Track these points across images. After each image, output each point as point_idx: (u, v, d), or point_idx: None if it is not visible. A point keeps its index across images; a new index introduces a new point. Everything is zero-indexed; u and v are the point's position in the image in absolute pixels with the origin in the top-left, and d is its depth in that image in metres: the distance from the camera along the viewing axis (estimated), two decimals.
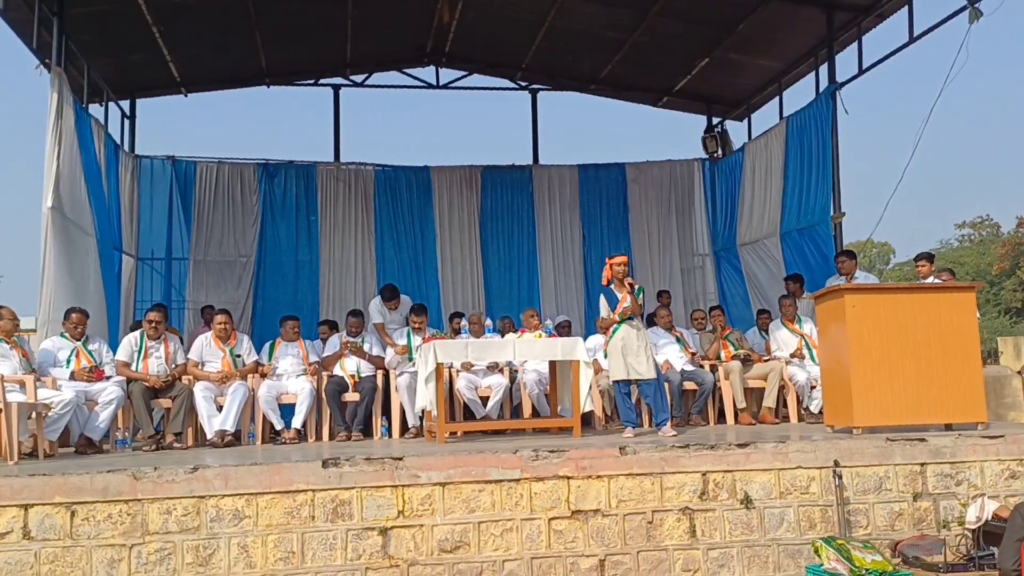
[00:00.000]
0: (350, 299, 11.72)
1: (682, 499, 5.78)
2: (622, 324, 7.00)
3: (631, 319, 7.03)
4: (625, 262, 7.14)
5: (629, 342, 6.94)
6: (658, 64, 12.05)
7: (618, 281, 7.12)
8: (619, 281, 7.11)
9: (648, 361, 6.94)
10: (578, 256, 12.45)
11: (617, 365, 6.94)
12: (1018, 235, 36.29)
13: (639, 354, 6.92)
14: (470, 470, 5.63)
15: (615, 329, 7.03)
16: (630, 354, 6.91)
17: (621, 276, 7.09)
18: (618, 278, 7.11)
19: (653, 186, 12.73)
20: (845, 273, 8.61)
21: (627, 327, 6.99)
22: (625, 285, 7.07)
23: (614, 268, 7.11)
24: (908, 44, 8.99)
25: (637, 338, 6.97)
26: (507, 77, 13.02)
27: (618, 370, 6.94)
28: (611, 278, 7.14)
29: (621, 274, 7.08)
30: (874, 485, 5.93)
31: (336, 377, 8.16)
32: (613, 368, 7.00)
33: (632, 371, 6.91)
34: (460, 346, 7.07)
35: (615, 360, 6.96)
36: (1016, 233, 36.96)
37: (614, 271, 7.11)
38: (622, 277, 7.09)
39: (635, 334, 6.98)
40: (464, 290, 12.14)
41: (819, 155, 10.12)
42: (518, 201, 12.49)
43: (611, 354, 7.03)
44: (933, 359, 6.42)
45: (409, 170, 12.44)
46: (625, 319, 7.01)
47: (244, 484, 5.40)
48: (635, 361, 6.89)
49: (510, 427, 7.72)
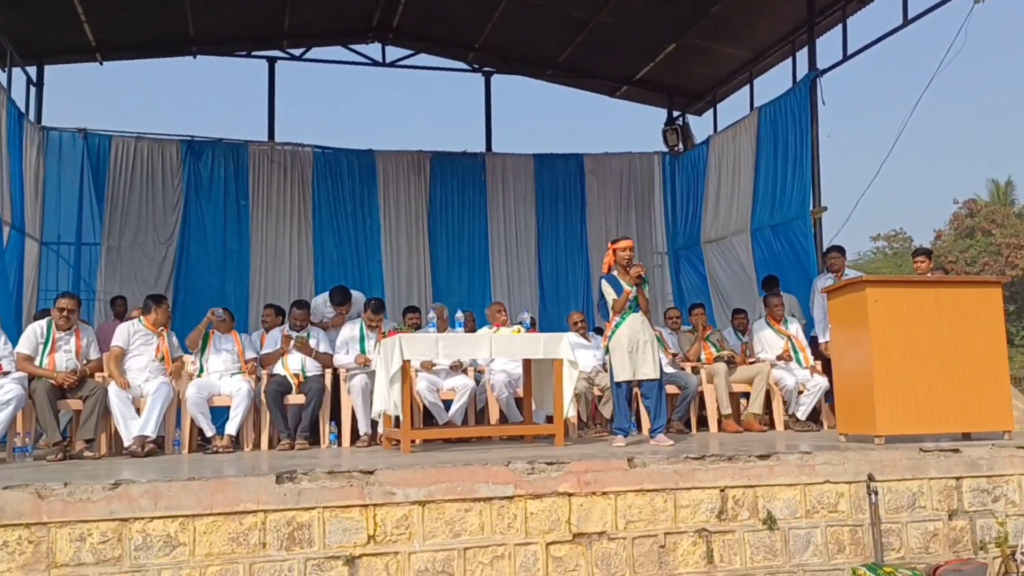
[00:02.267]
0: (284, 293, 10.64)
1: (698, 519, 4.99)
2: (626, 317, 6.21)
3: (636, 311, 6.25)
4: (630, 246, 6.34)
5: (635, 338, 6.15)
6: (622, 49, 11.34)
7: (621, 268, 6.32)
8: (622, 268, 6.31)
9: (655, 359, 6.16)
10: (532, 250, 11.63)
11: (621, 364, 6.14)
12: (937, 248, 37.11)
13: (645, 352, 6.13)
14: (455, 486, 4.73)
15: (618, 323, 6.23)
16: (636, 351, 6.12)
17: (625, 262, 6.29)
18: (621, 264, 6.31)
19: (612, 179, 12.02)
20: (836, 270, 8.02)
21: (632, 320, 6.21)
22: (630, 273, 6.27)
23: (617, 253, 6.30)
24: (902, 27, 8.48)
25: (643, 333, 6.18)
26: (459, 58, 12.13)
27: (622, 370, 6.14)
28: (613, 264, 6.34)
29: (625, 260, 6.28)
30: (907, 502, 5.26)
31: (277, 376, 7.15)
32: (616, 368, 6.19)
33: (638, 371, 6.12)
34: (429, 341, 6.14)
35: (618, 358, 6.16)
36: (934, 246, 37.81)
37: (617, 256, 6.31)
38: (626, 264, 6.28)
39: (641, 328, 6.19)
40: (410, 285, 11.17)
41: (796, 146, 9.55)
42: (469, 190, 11.60)
43: (614, 351, 6.22)
44: (959, 361, 5.83)
45: (351, 153, 11.41)
46: (630, 311, 6.22)
47: (179, 503, 4.38)
48: (641, 360, 6.11)
49: (481, 434, 6.83)
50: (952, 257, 35.97)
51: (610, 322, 6.33)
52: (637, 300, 6.27)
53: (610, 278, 6.34)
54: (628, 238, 6.51)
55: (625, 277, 6.29)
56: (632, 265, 6.25)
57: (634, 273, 6.23)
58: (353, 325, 7.43)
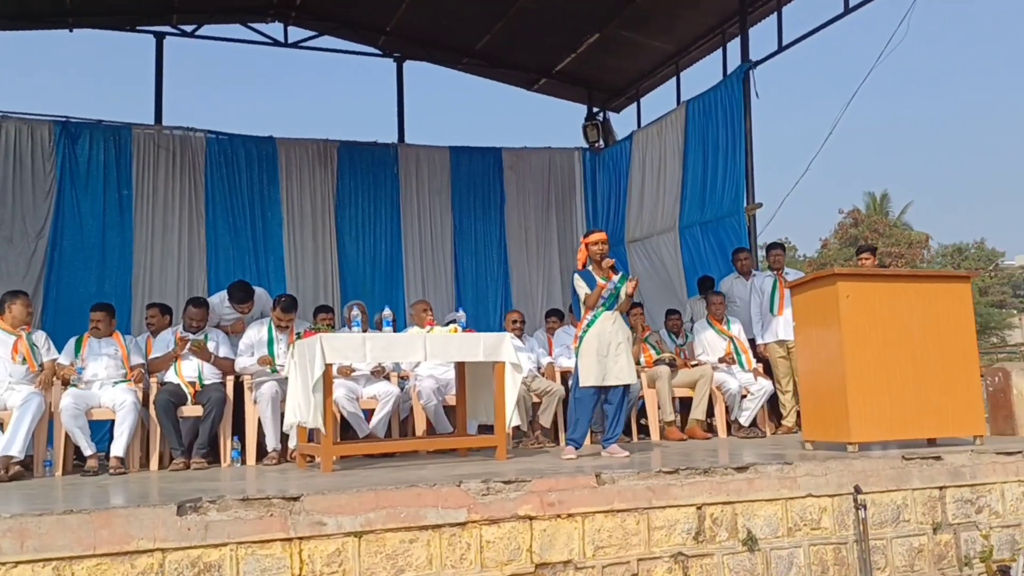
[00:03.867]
0: (171, 292, 9.53)
1: (673, 542, 4.39)
2: (598, 316, 5.60)
3: (611, 308, 5.63)
4: (604, 239, 5.75)
5: (606, 339, 5.53)
6: (542, 38, 10.74)
7: (595, 264, 5.70)
8: (596, 263, 5.69)
9: (629, 362, 5.56)
10: (448, 248, 10.85)
11: (589, 367, 5.51)
12: (823, 256, 38.24)
13: (619, 354, 5.52)
14: (397, 511, 3.97)
15: (590, 322, 5.62)
16: (608, 354, 5.50)
17: (599, 257, 5.67)
18: (595, 260, 5.70)
19: (531, 175, 11.38)
20: (777, 268, 7.62)
21: (604, 319, 5.60)
22: (605, 268, 5.66)
23: (590, 248, 5.72)
24: (842, 16, 8.17)
25: (617, 334, 5.57)
26: (369, 42, 11.28)
27: (590, 374, 5.51)
28: (587, 260, 5.74)
29: (599, 255, 5.67)
30: (892, 516, 4.81)
31: (169, 385, 6.22)
32: (583, 371, 5.55)
33: (609, 375, 5.49)
34: (355, 342, 5.34)
35: (587, 361, 5.53)
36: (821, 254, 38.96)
37: (590, 251, 5.72)
38: (599, 258, 5.67)
39: (614, 329, 5.58)
40: (316, 284, 10.21)
41: (728, 141, 9.16)
42: (381, 183, 10.71)
43: (582, 354, 5.59)
44: (931, 361, 5.45)
45: (250, 140, 10.37)
46: (603, 309, 5.60)
47: (52, 543, 3.48)
48: (612, 363, 5.49)
49: (413, 448, 6.04)
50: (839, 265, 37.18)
51: (581, 321, 5.71)
52: (613, 297, 5.67)
53: (584, 273, 5.74)
54: (600, 230, 5.96)
55: (600, 271, 5.68)
56: (604, 259, 5.66)
57: (606, 265, 5.64)
58: (260, 326, 6.54)
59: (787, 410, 7.53)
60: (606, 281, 5.65)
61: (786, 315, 7.22)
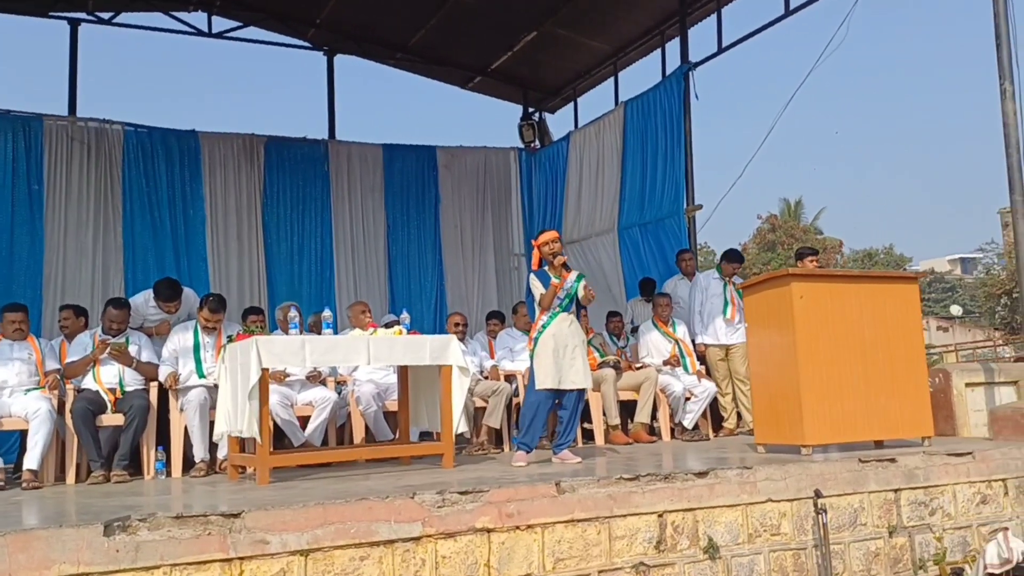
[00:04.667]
0: (86, 294, 8.99)
1: (635, 551, 4.22)
2: (554, 317, 5.42)
3: (567, 310, 5.45)
4: (555, 238, 5.59)
5: (562, 340, 5.34)
6: (478, 34, 10.54)
7: (550, 264, 5.51)
8: (551, 264, 5.51)
9: (585, 366, 5.39)
10: (381, 248, 10.52)
11: (545, 370, 5.32)
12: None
13: (575, 357, 5.34)
14: (347, 527, 3.69)
15: (545, 323, 5.43)
16: (564, 356, 5.31)
17: (551, 256, 5.49)
18: (549, 259, 5.51)
19: (466, 175, 11.14)
20: (728, 276, 7.57)
21: (560, 321, 5.43)
22: (558, 267, 5.48)
23: (542, 249, 5.56)
24: (783, 18, 8.19)
25: (573, 336, 5.39)
26: (298, 34, 10.88)
27: (547, 376, 5.32)
28: (541, 261, 5.55)
29: (551, 254, 5.49)
30: (849, 519, 4.74)
31: (87, 392, 5.77)
32: (539, 374, 5.35)
33: (565, 378, 5.30)
34: (294, 345, 5.02)
35: (543, 364, 5.34)
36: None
37: (543, 252, 5.54)
38: (552, 257, 5.49)
39: (570, 331, 5.40)
40: (242, 285, 9.76)
41: (667, 142, 9.10)
42: (310, 181, 10.31)
43: (537, 355, 5.40)
44: (880, 362, 5.43)
45: (171, 134, 9.85)
46: (559, 310, 5.42)
47: None
48: (568, 365, 5.30)
49: (356, 457, 5.73)
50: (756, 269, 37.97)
51: (536, 322, 5.51)
52: (569, 298, 5.49)
53: (539, 273, 5.57)
54: (551, 230, 5.78)
55: (554, 271, 5.50)
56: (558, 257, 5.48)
57: (558, 263, 5.46)
58: (185, 330, 6.14)
59: (728, 412, 7.48)
60: (560, 280, 5.48)
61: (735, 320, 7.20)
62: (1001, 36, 5.85)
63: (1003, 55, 5.85)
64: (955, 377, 6.38)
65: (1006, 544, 4.53)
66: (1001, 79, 5.85)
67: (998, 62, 5.86)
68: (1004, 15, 5.84)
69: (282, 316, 6.96)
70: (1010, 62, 5.83)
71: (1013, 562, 4.49)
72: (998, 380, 6.50)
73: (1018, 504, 5.19)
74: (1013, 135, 5.79)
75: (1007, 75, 5.83)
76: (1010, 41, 5.85)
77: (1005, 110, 5.84)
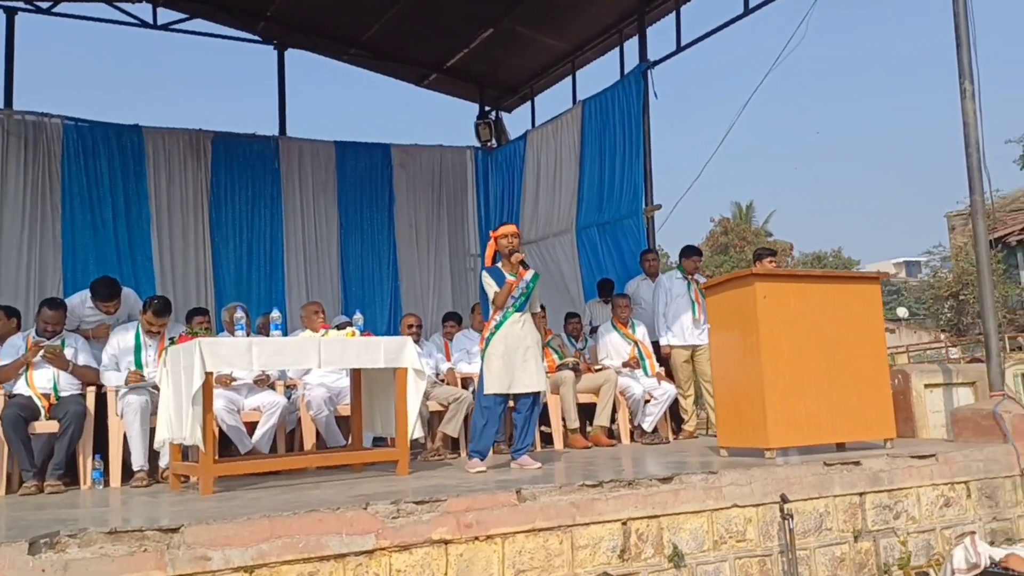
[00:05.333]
0: (20, 293, 8.59)
1: (598, 561, 4.06)
2: (507, 317, 5.23)
3: (521, 310, 5.26)
4: (514, 232, 5.40)
5: (515, 342, 5.16)
6: (434, 30, 10.31)
7: (505, 259, 5.33)
8: (506, 259, 5.32)
9: (538, 368, 5.20)
10: (334, 248, 10.25)
11: (495, 372, 5.13)
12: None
13: (527, 359, 5.16)
14: (295, 541, 3.47)
15: (497, 323, 5.24)
16: (515, 358, 5.13)
17: (508, 252, 5.30)
18: (505, 254, 5.32)
19: (422, 173, 10.92)
20: (691, 272, 7.47)
21: (513, 321, 5.24)
22: (515, 264, 5.29)
23: (499, 242, 5.36)
24: (742, 16, 8.12)
25: (526, 337, 5.20)
26: (247, 27, 10.56)
27: (495, 380, 5.12)
28: (495, 256, 5.37)
29: (508, 249, 5.30)
30: (815, 524, 4.64)
31: (19, 398, 5.46)
32: (488, 377, 5.16)
33: (516, 382, 5.12)
34: (240, 348, 4.77)
35: (492, 367, 5.16)
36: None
37: (499, 245, 5.36)
38: (509, 253, 5.30)
39: (523, 332, 5.22)
40: (187, 285, 9.42)
41: (626, 142, 8.99)
42: (260, 178, 10.00)
43: (488, 358, 5.20)
44: (843, 363, 5.35)
45: (113, 128, 9.47)
46: (513, 309, 5.23)
47: None
48: (521, 368, 5.12)
49: (307, 464, 5.48)
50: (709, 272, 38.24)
51: (488, 322, 5.32)
52: (524, 297, 5.30)
53: (493, 270, 5.36)
54: (511, 223, 5.59)
55: (509, 268, 5.32)
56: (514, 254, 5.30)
57: (515, 260, 5.27)
58: (126, 331, 5.84)
59: (688, 415, 7.38)
60: (516, 278, 5.30)
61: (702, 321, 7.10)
62: (961, 37, 5.83)
63: (963, 55, 5.82)
64: (914, 378, 6.36)
65: (974, 548, 4.47)
66: (961, 79, 5.82)
67: (958, 62, 5.83)
68: (964, 16, 5.82)
69: (228, 317, 6.68)
70: (970, 62, 5.81)
71: (981, 566, 4.42)
72: (956, 381, 6.50)
73: (980, 507, 5.14)
74: (973, 135, 5.77)
75: (967, 75, 5.81)
76: (970, 42, 5.83)
77: (965, 110, 5.81)
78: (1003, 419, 5.40)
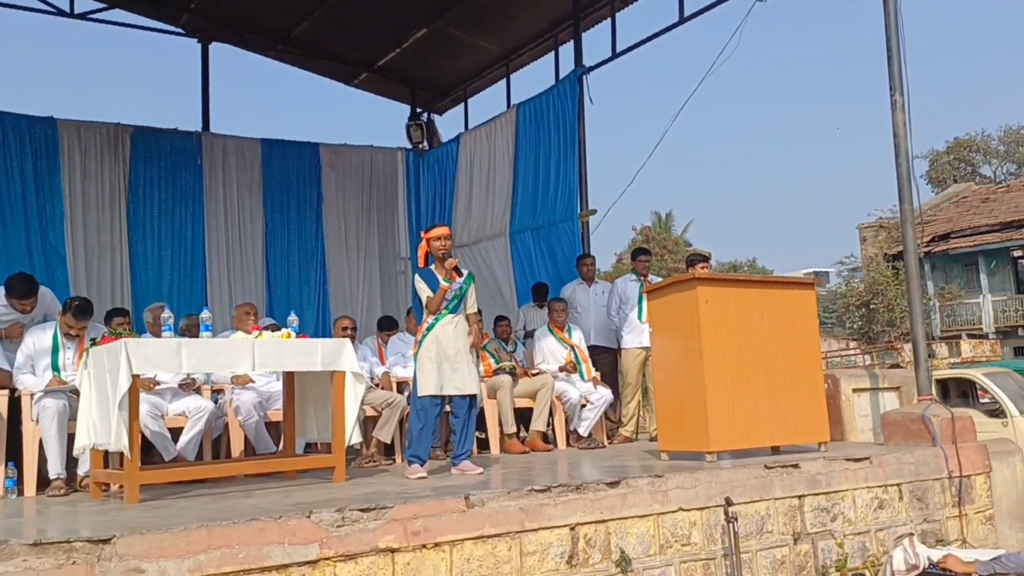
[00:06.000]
0: None
1: (547, 568, 3.98)
2: (440, 319, 5.13)
3: (454, 312, 5.16)
4: (447, 234, 5.30)
5: (446, 345, 5.06)
6: (366, 28, 10.14)
7: (438, 261, 5.21)
8: (439, 261, 5.21)
9: (471, 371, 5.12)
10: (259, 249, 9.95)
11: (427, 374, 5.04)
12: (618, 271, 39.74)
13: (458, 361, 5.07)
14: (235, 551, 3.29)
15: (430, 325, 5.16)
16: (447, 360, 5.03)
17: (441, 255, 5.19)
18: (437, 257, 5.21)
19: (351, 174, 10.70)
20: (643, 274, 7.48)
21: (445, 324, 5.14)
22: (448, 269, 5.19)
23: (432, 243, 5.25)
24: (677, 25, 8.20)
25: (457, 339, 5.11)
26: (170, 19, 10.19)
27: (428, 381, 5.02)
28: (427, 257, 5.24)
29: (441, 251, 5.19)
30: (756, 527, 4.66)
31: None
32: (421, 380, 5.05)
33: (447, 384, 5.01)
34: (169, 349, 4.53)
35: (425, 369, 5.06)
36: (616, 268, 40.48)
37: (432, 247, 5.25)
38: (442, 256, 5.19)
39: (454, 335, 5.12)
40: (102, 286, 8.99)
41: (561, 146, 8.97)
42: (181, 175, 9.64)
43: (421, 360, 5.10)
44: (780, 367, 5.42)
45: (24, 120, 8.98)
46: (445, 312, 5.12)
47: None
48: (451, 370, 5.02)
49: (237, 471, 5.24)
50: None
51: (421, 324, 5.21)
52: (457, 300, 5.20)
53: (424, 273, 5.25)
54: (443, 225, 5.47)
55: (442, 271, 5.20)
56: (447, 257, 5.20)
57: (449, 265, 5.18)
58: (42, 331, 5.51)
59: (628, 418, 7.39)
60: (449, 283, 5.20)
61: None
62: (892, 49, 5.98)
63: (894, 67, 5.97)
64: (843, 383, 6.49)
65: (912, 550, 4.56)
66: (892, 91, 5.97)
67: (889, 74, 5.98)
68: (895, 28, 5.97)
69: (152, 318, 6.38)
70: (900, 74, 5.96)
71: (920, 567, 4.51)
72: (883, 386, 6.66)
73: (912, 508, 5.26)
74: (903, 145, 5.92)
75: (897, 87, 5.96)
76: (900, 53, 5.98)
77: (895, 121, 5.96)
78: (932, 423, 5.54)
